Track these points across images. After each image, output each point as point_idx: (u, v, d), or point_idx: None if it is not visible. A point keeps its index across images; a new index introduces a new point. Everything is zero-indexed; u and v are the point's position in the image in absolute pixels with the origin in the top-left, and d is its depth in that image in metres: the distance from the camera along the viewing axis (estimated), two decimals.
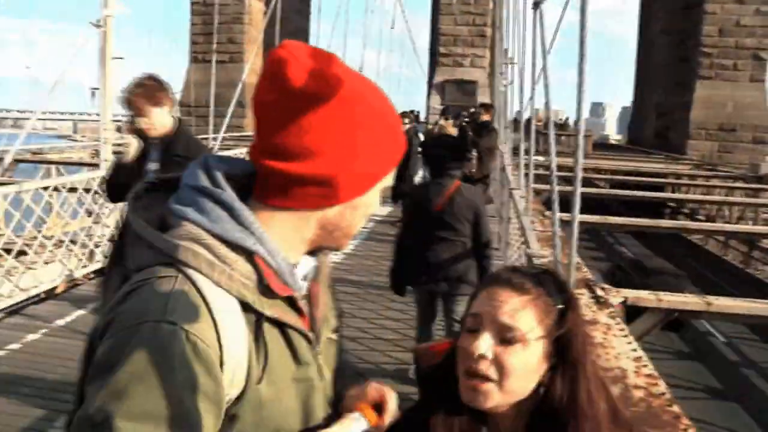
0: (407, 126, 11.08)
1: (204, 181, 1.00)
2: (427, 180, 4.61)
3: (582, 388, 1.05)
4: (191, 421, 0.87)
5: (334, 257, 8.23)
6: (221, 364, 0.90)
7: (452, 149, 4.58)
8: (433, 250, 4.27)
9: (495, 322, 1.03)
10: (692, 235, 23.06)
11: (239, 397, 0.95)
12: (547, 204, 4.69)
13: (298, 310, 1.03)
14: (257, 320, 0.96)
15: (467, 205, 4.29)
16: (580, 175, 2.33)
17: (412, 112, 13.71)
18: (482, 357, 1.03)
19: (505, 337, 1.03)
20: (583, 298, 4.37)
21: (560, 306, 1.05)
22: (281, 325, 1.00)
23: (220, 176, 0.99)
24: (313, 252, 1.08)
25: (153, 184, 1.06)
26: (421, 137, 11.43)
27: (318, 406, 1.08)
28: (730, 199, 19.29)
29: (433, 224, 4.29)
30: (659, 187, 21.41)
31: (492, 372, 1.03)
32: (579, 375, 1.06)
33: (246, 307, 0.95)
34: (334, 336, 1.17)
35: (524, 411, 1.08)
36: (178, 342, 0.87)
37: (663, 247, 24.36)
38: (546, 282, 1.07)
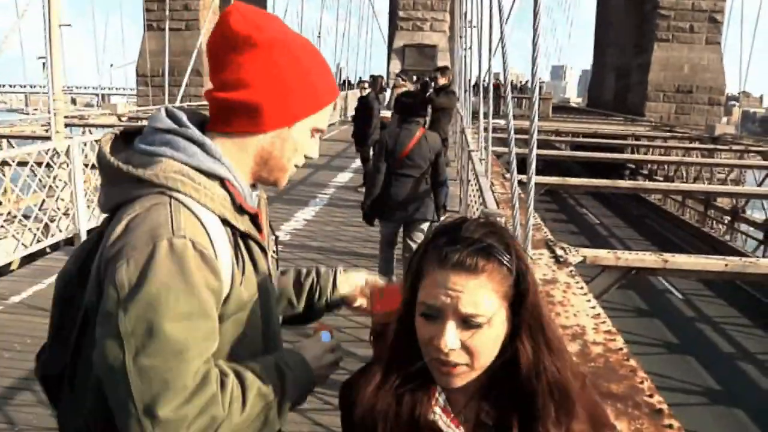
0: (367, 92, 11.00)
1: (171, 124, 1.19)
2: (398, 127, 5.35)
3: (539, 341, 1.05)
4: (210, 314, 1.10)
5: (295, 224, 8.21)
6: (216, 260, 1.11)
7: (419, 99, 5.62)
8: (401, 185, 5.10)
9: (457, 312, 1.00)
10: (651, 195, 23.56)
11: (226, 298, 1.15)
12: (508, 166, 4.73)
13: (258, 227, 1.25)
14: (233, 233, 1.18)
15: (430, 148, 5.15)
16: (535, 135, 2.31)
17: (376, 77, 13.57)
18: (451, 350, 1.01)
19: (470, 323, 1.00)
20: (543, 257, 4.43)
21: (513, 269, 1.02)
22: (246, 239, 1.21)
23: (185, 118, 1.20)
24: (254, 186, 1.29)
25: (115, 135, 1.23)
26: (387, 96, 11.42)
27: (273, 311, 1.31)
28: (687, 159, 19.64)
29: (402, 164, 5.11)
30: (619, 149, 21.71)
31: (463, 358, 1.02)
32: (536, 328, 1.05)
33: (225, 223, 1.16)
34: (275, 255, 1.42)
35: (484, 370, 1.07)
36: (190, 252, 1.07)
37: (623, 207, 24.85)
38: (494, 248, 1.02)
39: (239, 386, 1.15)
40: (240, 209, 1.19)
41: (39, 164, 7.31)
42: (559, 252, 4.50)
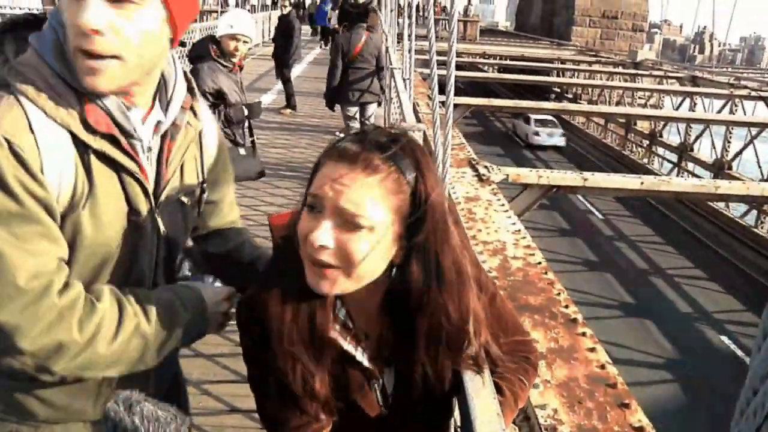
0: (288, 10, 10.59)
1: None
2: (348, 31, 6.94)
3: (431, 273, 0.97)
4: (34, 218, 0.99)
5: None
6: (42, 171, 1.00)
7: (362, 10, 7.24)
8: (354, 75, 6.75)
9: (337, 207, 0.91)
10: (575, 119, 24.09)
11: (63, 217, 1.04)
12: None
13: (125, 152, 1.09)
14: (85, 150, 1.05)
15: (375, 46, 6.82)
16: (454, 51, 2.21)
17: None
18: (323, 247, 0.92)
19: (350, 223, 0.91)
20: (467, 175, 4.43)
21: (412, 182, 0.93)
22: (115, 166, 1.08)
23: None
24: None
25: (27, 20, 1.11)
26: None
27: (144, 253, 1.18)
28: (610, 83, 20.05)
29: (355, 59, 6.70)
30: (545, 72, 21.95)
31: (337, 261, 0.93)
32: (429, 259, 0.97)
33: (74, 136, 1.03)
34: (186, 200, 1.25)
35: (378, 289, 1.01)
36: (3, 150, 0.96)
37: None
38: (397, 154, 0.93)
39: (115, 318, 1.09)
40: (89, 125, 1.05)
41: None
42: (482, 170, 4.51)
